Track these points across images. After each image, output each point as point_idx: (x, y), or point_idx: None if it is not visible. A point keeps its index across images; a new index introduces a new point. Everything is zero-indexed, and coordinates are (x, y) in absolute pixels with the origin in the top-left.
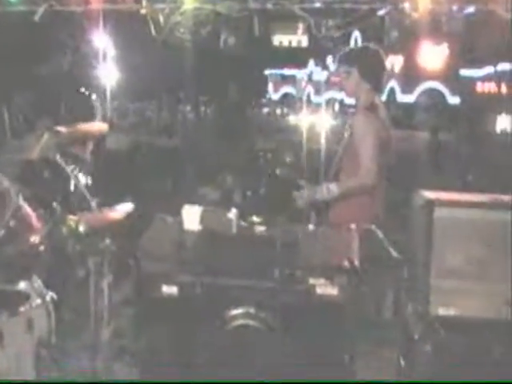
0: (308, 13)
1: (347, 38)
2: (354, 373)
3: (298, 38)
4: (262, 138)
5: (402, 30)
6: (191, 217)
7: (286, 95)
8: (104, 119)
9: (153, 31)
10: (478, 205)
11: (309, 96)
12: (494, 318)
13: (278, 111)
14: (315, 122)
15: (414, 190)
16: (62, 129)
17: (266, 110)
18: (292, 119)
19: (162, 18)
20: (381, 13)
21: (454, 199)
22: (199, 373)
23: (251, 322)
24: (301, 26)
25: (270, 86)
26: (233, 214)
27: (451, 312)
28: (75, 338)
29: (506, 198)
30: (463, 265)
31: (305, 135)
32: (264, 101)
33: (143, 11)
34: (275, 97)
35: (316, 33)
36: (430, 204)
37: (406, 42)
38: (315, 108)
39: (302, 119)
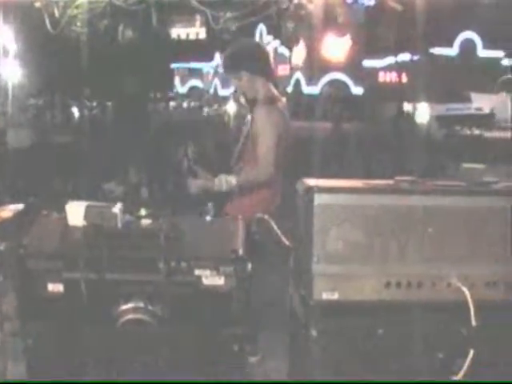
0: (205, 5)
1: (251, 30)
2: (244, 361)
3: (196, 31)
4: (168, 131)
5: (303, 22)
6: (75, 212)
7: (193, 88)
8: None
9: (48, 25)
10: (356, 190)
11: (216, 89)
12: (376, 300)
13: (185, 104)
14: (221, 113)
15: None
16: None
17: (172, 103)
18: (199, 112)
19: (57, 12)
20: (280, 5)
21: (332, 185)
22: (90, 371)
23: (141, 316)
24: (198, 18)
25: (177, 80)
26: (117, 208)
27: (335, 296)
28: None
29: (382, 182)
30: (344, 249)
31: (210, 127)
32: (171, 94)
33: (38, 4)
34: (182, 90)
35: (213, 25)
36: (310, 190)
37: (309, 34)
38: (222, 100)
39: (208, 111)
